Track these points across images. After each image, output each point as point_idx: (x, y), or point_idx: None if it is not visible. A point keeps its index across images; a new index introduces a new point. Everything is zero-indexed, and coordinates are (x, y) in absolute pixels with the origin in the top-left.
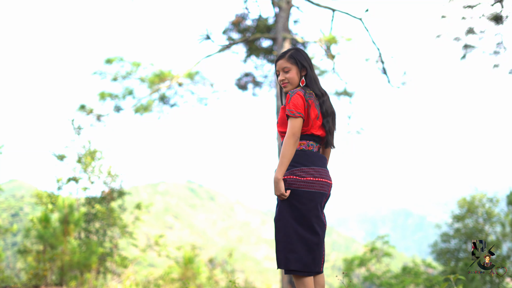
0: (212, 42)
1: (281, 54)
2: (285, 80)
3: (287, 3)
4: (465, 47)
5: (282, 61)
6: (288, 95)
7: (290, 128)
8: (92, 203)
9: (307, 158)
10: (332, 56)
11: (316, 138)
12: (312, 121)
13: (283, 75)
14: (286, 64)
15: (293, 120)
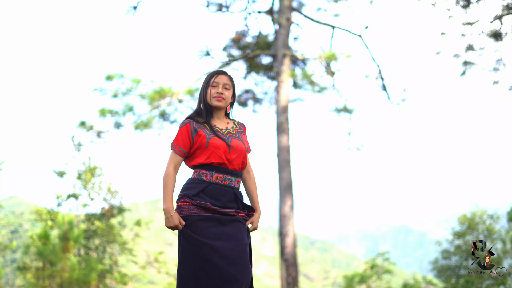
0: (212, 58)
1: (220, 70)
2: (223, 96)
3: (287, 20)
4: (465, 63)
5: (225, 77)
6: (245, 128)
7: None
8: (91, 220)
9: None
10: (332, 73)
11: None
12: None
13: (222, 90)
14: (228, 82)
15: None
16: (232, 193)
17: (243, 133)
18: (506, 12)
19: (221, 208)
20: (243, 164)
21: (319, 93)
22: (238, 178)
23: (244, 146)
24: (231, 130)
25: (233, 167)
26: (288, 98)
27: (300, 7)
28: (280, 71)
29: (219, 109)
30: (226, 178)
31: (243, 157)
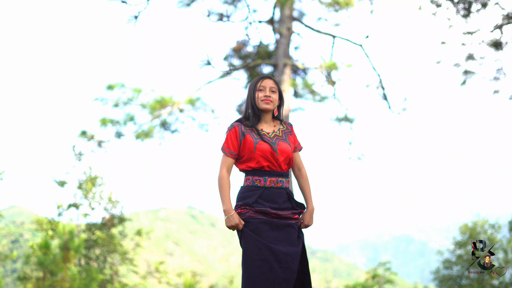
0: (213, 68)
1: (267, 75)
2: (270, 99)
3: (288, 30)
4: (465, 73)
5: (271, 81)
6: (292, 128)
7: (302, 162)
8: (92, 230)
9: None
10: (332, 82)
11: None
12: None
13: (269, 93)
14: (274, 86)
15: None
16: (285, 193)
17: (290, 133)
18: (506, 22)
19: (279, 211)
20: (289, 165)
21: (320, 102)
22: (288, 177)
23: (289, 148)
24: (278, 132)
25: (282, 169)
26: (289, 108)
27: (300, 17)
28: (281, 80)
29: (267, 112)
30: (279, 180)
31: (290, 158)
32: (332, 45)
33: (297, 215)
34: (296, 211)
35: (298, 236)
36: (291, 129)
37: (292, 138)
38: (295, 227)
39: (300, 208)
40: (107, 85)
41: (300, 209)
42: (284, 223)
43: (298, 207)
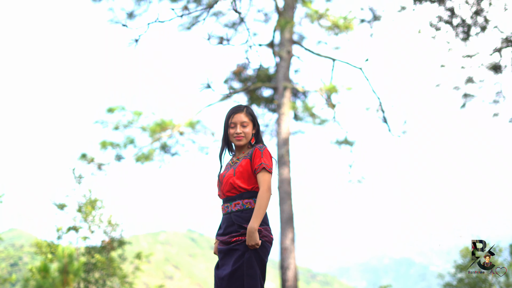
0: (213, 91)
1: (236, 107)
2: (241, 134)
3: (288, 53)
4: (465, 96)
5: (241, 115)
6: (257, 150)
7: (266, 182)
8: (92, 253)
9: (267, 218)
10: (332, 105)
11: None
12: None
13: (241, 129)
14: (245, 119)
15: (268, 175)
16: (229, 218)
17: (247, 157)
18: (505, 45)
19: (221, 236)
20: (235, 189)
21: (320, 125)
22: (236, 200)
23: (231, 174)
24: (239, 159)
25: (226, 194)
26: (289, 131)
27: (300, 40)
28: (281, 103)
29: (242, 146)
30: (225, 206)
31: (232, 184)
32: (332, 68)
33: (239, 237)
34: (235, 234)
35: (241, 256)
36: (252, 152)
37: (245, 162)
38: (240, 248)
39: (243, 229)
40: (108, 108)
41: (243, 230)
42: (226, 248)
43: (241, 228)
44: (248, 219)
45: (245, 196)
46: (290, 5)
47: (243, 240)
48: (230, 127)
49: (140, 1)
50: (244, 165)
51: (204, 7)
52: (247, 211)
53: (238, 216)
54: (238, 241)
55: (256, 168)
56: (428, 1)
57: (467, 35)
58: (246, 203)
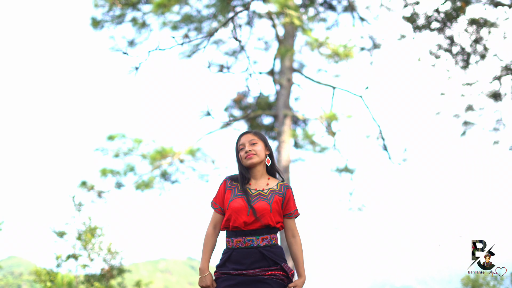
0: (213, 118)
1: (243, 131)
2: (252, 152)
3: (288, 81)
4: (465, 123)
5: (249, 135)
6: (291, 193)
7: (297, 229)
8: (91, 281)
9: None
10: (333, 133)
11: None
12: None
13: (249, 147)
14: (253, 137)
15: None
16: (257, 252)
17: (280, 195)
18: (505, 73)
19: (245, 271)
20: (268, 223)
21: (320, 153)
22: (264, 235)
23: (267, 207)
24: (265, 191)
25: (249, 227)
26: (289, 158)
27: (301, 68)
28: (281, 131)
29: (255, 167)
30: (246, 240)
31: (266, 218)
32: (332, 96)
33: (272, 272)
34: (271, 268)
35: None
36: (285, 193)
37: (285, 202)
38: (270, 283)
39: (277, 265)
40: (108, 136)
41: (279, 267)
42: (251, 279)
43: (276, 264)
44: (279, 255)
45: (273, 231)
46: (290, 33)
47: (280, 277)
48: (240, 149)
49: (141, 29)
50: (278, 202)
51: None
52: (275, 247)
53: (269, 251)
54: (273, 276)
55: (291, 213)
56: (428, 30)
57: (467, 63)
58: (273, 238)
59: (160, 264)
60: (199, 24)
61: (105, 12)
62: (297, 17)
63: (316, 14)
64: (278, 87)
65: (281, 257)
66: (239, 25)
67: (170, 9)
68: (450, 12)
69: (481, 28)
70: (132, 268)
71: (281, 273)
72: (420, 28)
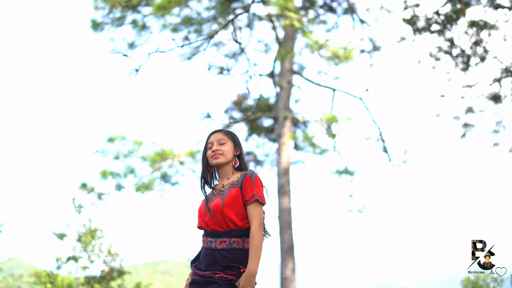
0: (213, 120)
1: (214, 130)
2: (219, 151)
3: (288, 83)
4: (465, 125)
5: (218, 134)
6: (248, 178)
7: (259, 217)
8: (91, 283)
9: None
10: (333, 135)
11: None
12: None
13: (217, 146)
14: (223, 137)
15: (261, 208)
16: (212, 255)
17: (236, 186)
18: (505, 75)
19: (201, 271)
20: (225, 223)
21: (320, 155)
22: (223, 238)
23: (220, 203)
24: (225, 187)
25: (212, 228)
26: (289, 160)
27: (301, 70)
28: (281, 133)
29: (222, 167)
30: (207, 240)
31: (221, 216)
32: (332, 98)
33: (222, 275)
34: (219, 272)
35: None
36: (242, 181)
37: (243, 189)
38: (220, 283)
39: (229, 270)
40: (108, 138)
41: (230, 271)
42: (206, 280)
43: (227, 269)
44: (234, 260)
45: (233, 234)
46: (290, 36)
47: (229, 278)
48: (208, 148)
49: (141, 32)
50: (234, 194)
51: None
52: (234, 252)
53: (223, 256)
54: (222, 277)
55: (247, 200)
56: (428, 32)
57: (467, 65)
58: (233, 242)
59: (160, 266)
60: (199, 26)
61: (105, 15)
62: (297, 19)
63: (316, 16)
64: (278, 89)
65: (236, 262)
66: (239, 27)
67: (170, 11)
68: (450, 14)
69: (481, 30)
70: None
71: (232, 277)
72: (420, 30)
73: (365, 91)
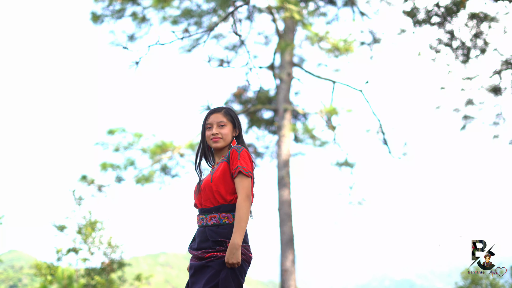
0: None
1: (214, 108)
2: (219, 135)
3: (288, 75)
4: (465, 118)
5: (218, 115)
6: (234, 151)
7: (245, 189)
8: (91, 275)
9: (246, 234)
10: (333, 127)
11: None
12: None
13: (217, 129)
14: (222, 119)
15: (247, 180)
16: (203, 232)
17: (224, 161)
18: (505, 67)
19: (195, 251)
20: (214, 198)
21: (320, 147)
22: (213, 213)
23: (209, 180)
24: (217, 164)
25: (204, 205)
26: (289, 152)
27: (301, 63)
28: (281, 125)
29: (221, 149)
30: (200, 218)
31: (210, 191)
32: (332, 91)
33: (213, 253)
34: (210, 250)
35: (215, 274)
36: (229, 154)
37: (230, 163)
38: (213, 266)
39: (219, 245)
40: (108, 130)
41: (219, 247)
42: (199, 265)
43: (217, 245)
44: (224, 235)
45: (223, 209)
46: (291, 28)
47: (218, 256)
48: (207, 128)
49: (141, 24)
50: (221, 169)
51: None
52: (223, 227)
53: (213, 231)
54: (212, 257)
55: (233, 172)
56: (428, 24)
57: (467, 58)
58: (223, 217)
59: (160, 258)
60: (199, 19)
61: (105, 7)
62: (297, 11)
63: (316, 9)
64: (278, 82)
65: (225, 237)
66: (239, 20)
67: (170, 3)
68: (450, 7)
69: (481, 22)
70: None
71: (221, 254)
72: (420, 23)
73: (365, 84)
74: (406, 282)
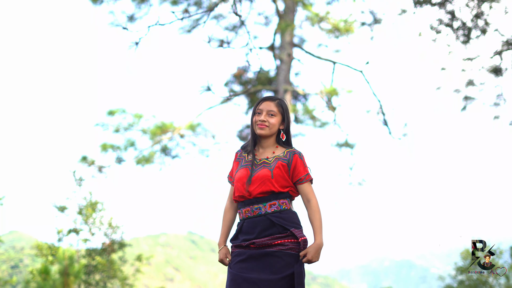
0: (213, 93)
1: (268, 96)
2: (266, 123)
3: (288, 56)
4: (465, 98)
5: (271, 104)
6: (298, 158)
7: (314, 193)
8: (92, 255)
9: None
10: (333, 108)
11: None
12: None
13: (266, 117)
14: (274, 108)
15: (312, 186)
16: (266, 219)
17: (284, 161)
18: (506, 48)
19: (255, 239)
20: (274, 187)
21: (321, 128)
22: (271, 201)
23: (268, 174)
24: (270, 160)
25: (255, 196)
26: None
27: (301, 43)
28: None
29: (265, 138)
30: (254, 208)
31: (269, 183)
32: (333, 71)
33: (281, 240)
34: (279, 235)
35: (285, 266)
36: (291, 159)
37: (291, 168)
38: (279, 255)
39: (287, 232)
40: (108, 111)
41: (289, 233)
42: (261, 252)
43: (285, 230)
44: (290, 220)
45: (281, 196)
46: (291, 8)
47: (287, 247)
48: (257, 113)
49: (141, 4)
50: (281, 168)
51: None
52: (285, 212)
53: (278, 217)
54: (281, 245)
55: (301, 178)
56: (429, 4)
57: (468, 38)
58: (282, 203)
59: (160, 238)
60: None
61: None
62: None
63: None
64: (279, 62)
65: (292, 221)
66: (239, 0)
67: None
68: None
69: (482, 2)
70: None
71: (290, 241)
72: (421, 3)
73: (366, 64)
74: (406, 263)
